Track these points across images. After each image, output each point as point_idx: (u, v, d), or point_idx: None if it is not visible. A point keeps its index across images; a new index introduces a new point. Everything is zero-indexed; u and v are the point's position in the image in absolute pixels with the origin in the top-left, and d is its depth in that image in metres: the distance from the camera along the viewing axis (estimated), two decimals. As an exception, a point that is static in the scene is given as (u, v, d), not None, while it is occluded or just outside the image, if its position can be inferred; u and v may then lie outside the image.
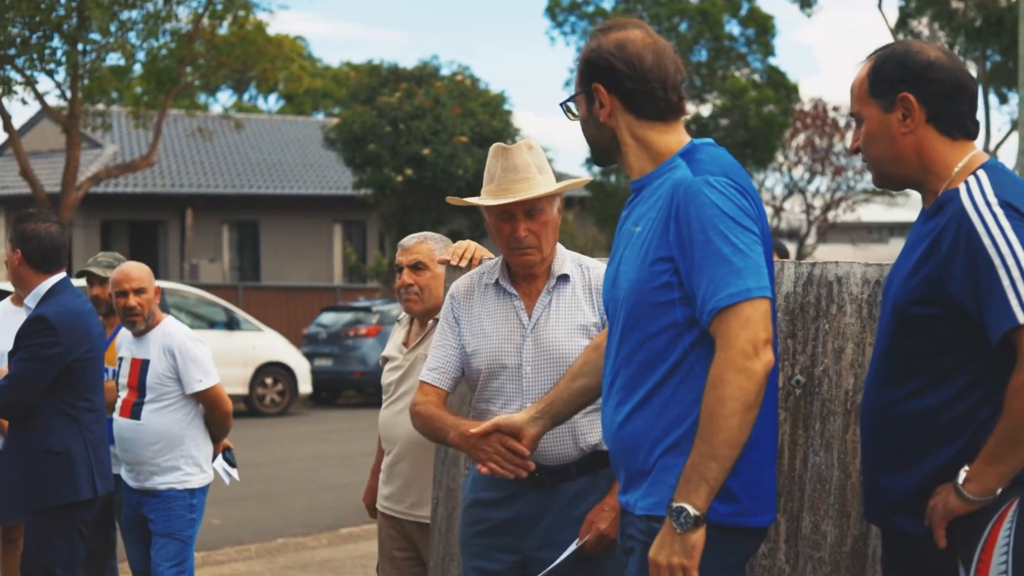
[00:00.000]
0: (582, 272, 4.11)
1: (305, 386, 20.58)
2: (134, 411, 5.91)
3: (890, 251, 57.05)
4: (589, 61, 3.31)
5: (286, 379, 20.28)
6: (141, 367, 5.92)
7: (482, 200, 4.04)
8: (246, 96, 54.12)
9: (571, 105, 3.44)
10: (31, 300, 5.54)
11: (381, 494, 5.23)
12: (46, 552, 5.43)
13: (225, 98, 54.96)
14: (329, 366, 21.91)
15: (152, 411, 5.89)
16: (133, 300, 5.89)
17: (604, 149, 3.37)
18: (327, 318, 23.03)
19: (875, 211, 49.18)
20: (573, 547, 3.86)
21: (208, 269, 30.44)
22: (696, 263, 3.03)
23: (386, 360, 5.28)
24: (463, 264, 4.46)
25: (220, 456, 6.23)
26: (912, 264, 3.11)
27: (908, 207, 51.59)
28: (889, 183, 3.26)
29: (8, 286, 11.70)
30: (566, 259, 4.12)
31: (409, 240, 5.18)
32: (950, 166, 3.14)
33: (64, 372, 5.39)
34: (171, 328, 6.00)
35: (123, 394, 5.98)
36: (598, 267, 4.09)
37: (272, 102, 56.19)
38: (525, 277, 4.08)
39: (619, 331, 3.24)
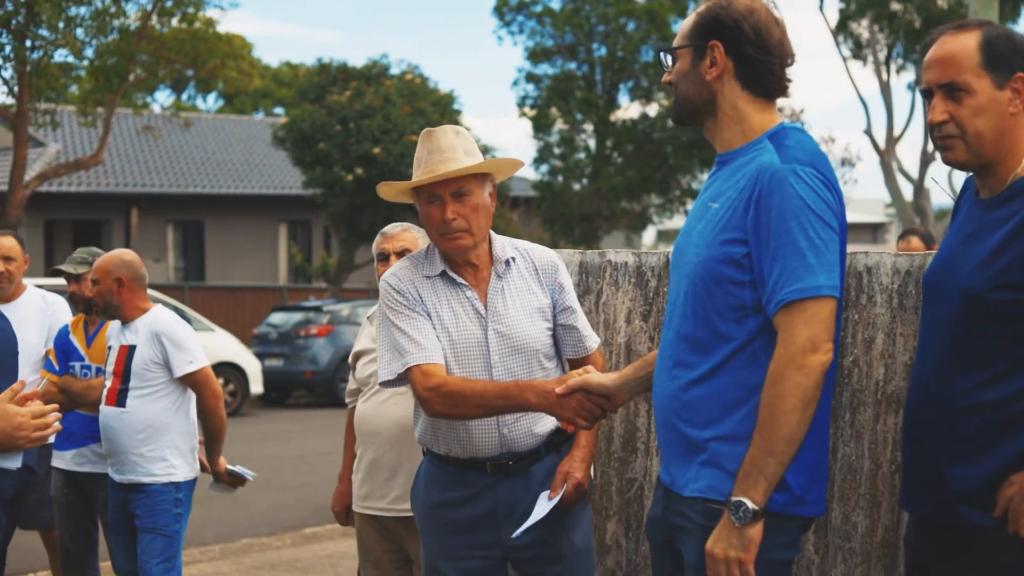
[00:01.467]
0: (522, 255, 4.06)
1: (257, 386, 20.41)
2: (119, 399, 5.81)
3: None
4: (716, 17, 3.22)
5: (238, 379, 20.11)
6: (127, 353, 5.83)
7: (406, 183, 3.96)
8: (184, 95, 53.64)
9: (670, 54, 3.33)
10: None
11: (359, 495, 5.13)
12: None
13: (163, 97, 54.48)
14: (280, 366, 21.77)
15: (137, 398, 5.79)
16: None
17: (696, 110, 3.30)
18: (277, 318, 22.87)
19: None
20: (553, 502, 3.84)
21: (153, 269, 30.13)
22: (770, 251, 3.02)
23: (360, 355, 5.19)
24: None
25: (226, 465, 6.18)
26: (988, 251, 3.07)
27: (850, 208, 52.12)
28: (972, 161, 3.15)
29: None
30: (506, 244, 4.07)
31: (393, 228, 5.15)
32: None
33: None
34: (160, 315, 5.93)
35: (108, 382, 5.89)
36: (535, 248, 4.09)
37: (211, 101, 55.79)
38: (466, 264, 3.98)
39: (683, 303, 3.22)
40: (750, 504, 2.97)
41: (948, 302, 3.15)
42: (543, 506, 3.85)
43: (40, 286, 7.24)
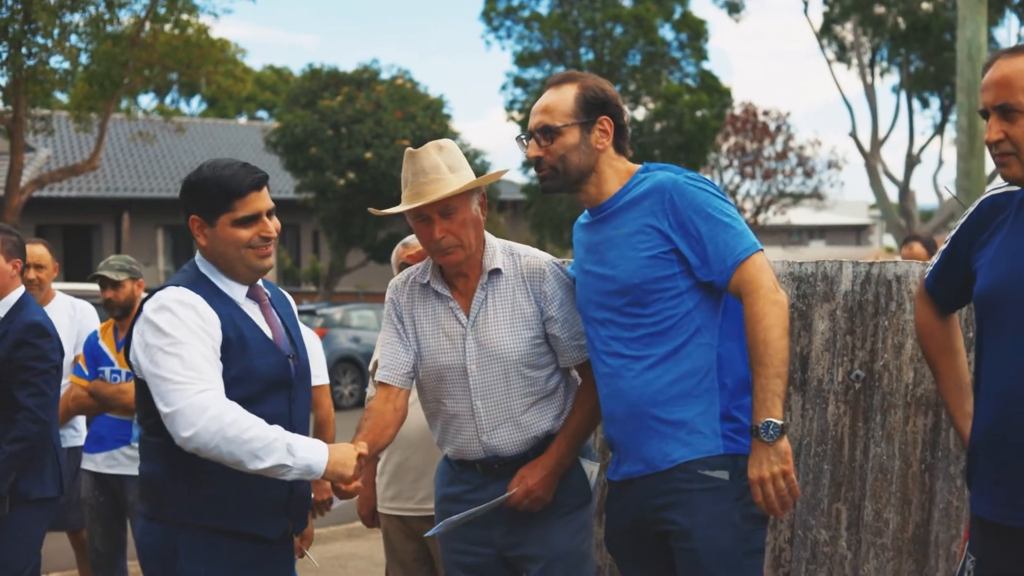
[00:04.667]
0: (514, 261, 4.07)
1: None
2: None
3: (814, 253, 57.75)
4: (599, 96, 3.81)
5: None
6: None
7: (395, 209, 4.04)
8: (168, 99, 53.60)
9: (554, 130, 3.79)
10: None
11: (386, 497, 5.23)
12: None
13: (147, 101, 54.45)
14: (278, 370, 21.78)
15: None
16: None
17: (583, 176, 3.80)
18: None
19: (803, 214, 49.79)
20: (495, 502, 3.95)
21: (143, 273, 30.08)
22: (703, 236, 3.59)
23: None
24: None
25: None
26: None
27: (835, 211, 52.37)
28: None
29: None
30: (496, 251, 4.08)
31: (413, 239, 5.18)
32: None
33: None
34: None
35: None
36: (529, 253, 4.10)
37: (195, 105, 55.77)
38: (458, 275, 4.07)
39: (624, 314, 3.68)
40: (776, 420, 3.41)
41: None
42: (492, 502, 3.96)
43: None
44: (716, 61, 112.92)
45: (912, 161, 35.29)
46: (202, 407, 3.41)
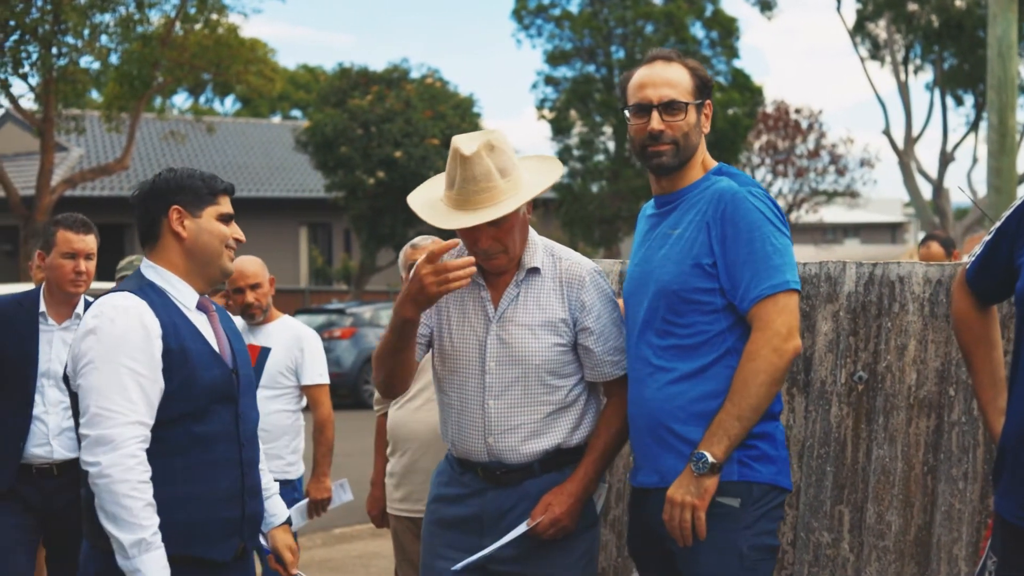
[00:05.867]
0: (554, 263, 3.89)
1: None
2: None
3: (848, 251, 57.53)
4: (706, 79, 3.73)
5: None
6: (260, 355, 6.01)
7: (440, 220, 3.79)
8: (202, 99, 53.88)
9: (679, 106, 3.66)
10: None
11: (394, 498, 5.25)
12: None
13: (181, 100, 54.73)
14: (303, 368, 21.82)
15: (266, 399, 5.98)
16: (250, 296, 6.01)
17: (689, 158, 3.70)
18: (300, 320, 22.97)
19: (837, 212, 49.54)
20: (523, 528, 3.78)
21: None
22: (741, 259, 3.50)
23: None
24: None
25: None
26: None
27: (868, 208, 52.14)
28: None
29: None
30: (538, 249, 3.90)
31: (423, 240, 5.19)
32: None
33: None
34: (295, 323, 6.18)
35: None
36: (571, 258, 3.91)
37: (229, 104, 56.04)
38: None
39: (659, 319, 3.62)
40: (710, 457, 3.42)
41: None
42: (517, 530, 3.79)
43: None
44: (751, 58, 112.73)
45: (946, 159, 35.09)
46: (115, 445, 3.33)
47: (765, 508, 3.52)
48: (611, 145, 32.92)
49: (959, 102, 36.76)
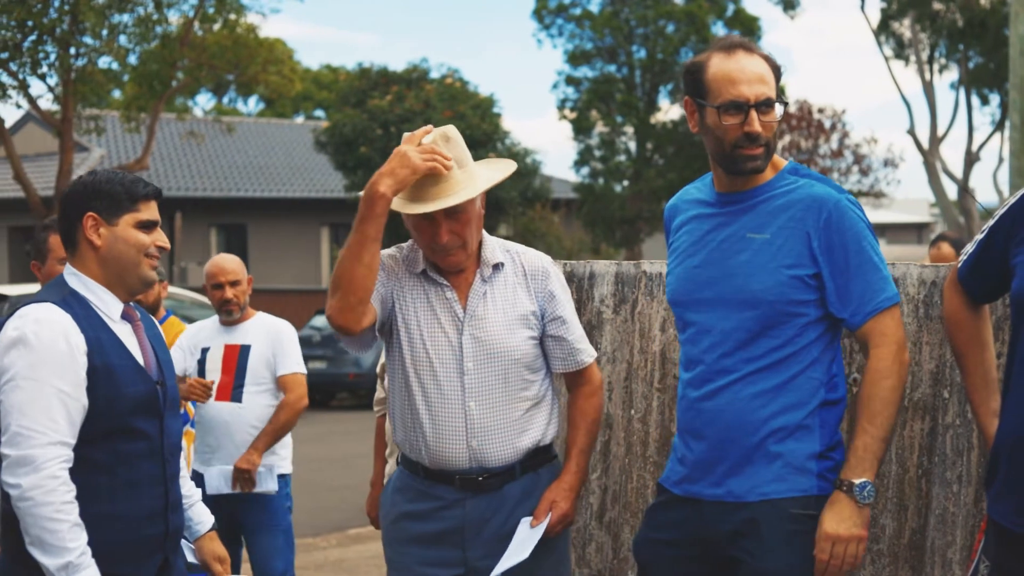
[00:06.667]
0: (512, 259, 3.89)
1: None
2: (234, 395, 6.13)
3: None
4: (779, 72, 3.53)
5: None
6: (241, 352, 6.17)
7: (401, 207, 3.71)
8: (226, 99, 54.10)
9: (772, 104, 3.47)
10: None
11: None
12: None
13: (204, 101, 54.98)
14: (323, 368, 21.84)
15: (252, 394, 6.16)
16: (229, 292, 6.18)
17: (769, 155, 3.51)
18: (320, 321, 23.00)
19: (860, 212, 49.24)
20: (538, 532, 3.73)
21: (196, 272, 30.39)
22: (851, 270, 3.39)
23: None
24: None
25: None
26: None
27: (893, 208, 51.91)
28: None
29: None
30: (496, 246, 3.90)
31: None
32: None
33: None
34: (271, 319, 6.37)
35: (216, 379, 6.17)
36: (527, 252, 3.92)
37: (252, 105, 56.23)
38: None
39: (743, 330, 3.43)
40: (873, 485, 3.31)
41: None
42: (525, 534, 3.74)
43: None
44: (775, 58, 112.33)
45: (971, 158, 34.89)
46: (36, 466, 3.25)
47: None
48: (632, 145, 32.89)
49: (984, 101, 36.56)
